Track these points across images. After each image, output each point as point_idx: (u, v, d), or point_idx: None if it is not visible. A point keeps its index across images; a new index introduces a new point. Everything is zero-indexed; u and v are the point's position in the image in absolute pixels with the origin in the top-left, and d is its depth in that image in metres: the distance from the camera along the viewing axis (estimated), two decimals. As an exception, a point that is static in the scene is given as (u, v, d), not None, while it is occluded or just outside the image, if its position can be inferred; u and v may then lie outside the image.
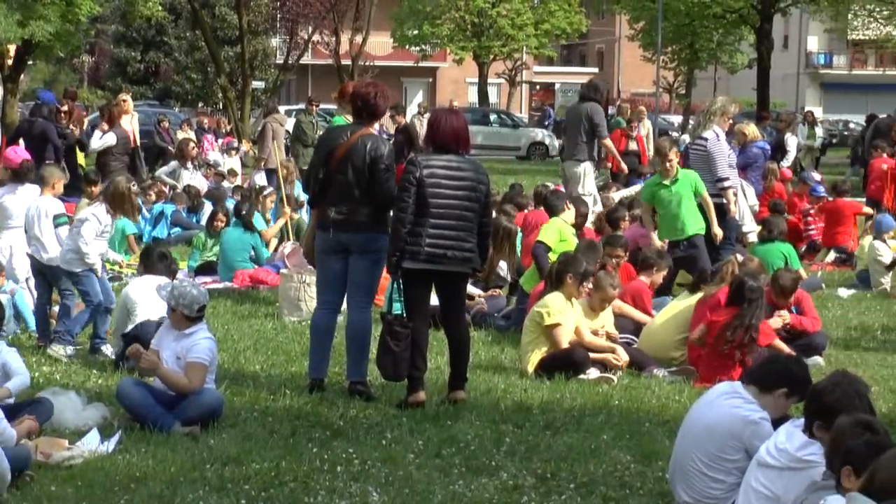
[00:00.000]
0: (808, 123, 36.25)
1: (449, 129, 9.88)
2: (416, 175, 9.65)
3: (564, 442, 8.96)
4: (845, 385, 6.58)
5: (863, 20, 66.90)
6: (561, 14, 64.69)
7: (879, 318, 15.01)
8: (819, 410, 6.55)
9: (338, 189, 10.08)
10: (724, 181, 14.88)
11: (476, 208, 9.80)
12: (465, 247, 9.74)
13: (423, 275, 9.78)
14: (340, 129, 10.60)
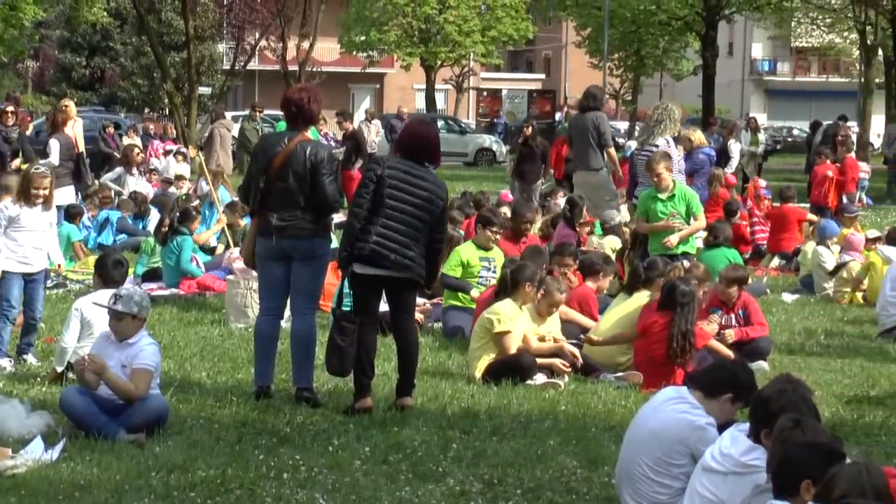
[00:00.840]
0: (752, 130, 36.47)
1: (417, 138, 9.95)
2: (378, 173, 9.69)
3: (511, 447, 8.97)
4: (790, 392, 6.62)
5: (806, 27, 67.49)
6: (508, 20, 64.88)
7: (823, 322, 15.14)
8: (766, 417, 6.57)
9: (279, 196, 10.08)
10: None
11: (428, 220, 9.79)
12: (408, 254, 9.72)
13: (371, 279, 9.78)
14: (277, 136, 10.63)
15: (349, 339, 9.79)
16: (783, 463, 5.98)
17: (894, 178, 33.89)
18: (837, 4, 55.06)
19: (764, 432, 6.52)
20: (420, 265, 9.83)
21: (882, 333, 14.14)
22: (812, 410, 6.57)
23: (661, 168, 14.04)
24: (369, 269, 9.72)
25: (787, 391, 6.64)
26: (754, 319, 12.44)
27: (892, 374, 12.14)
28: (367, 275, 9.74)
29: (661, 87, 74.01)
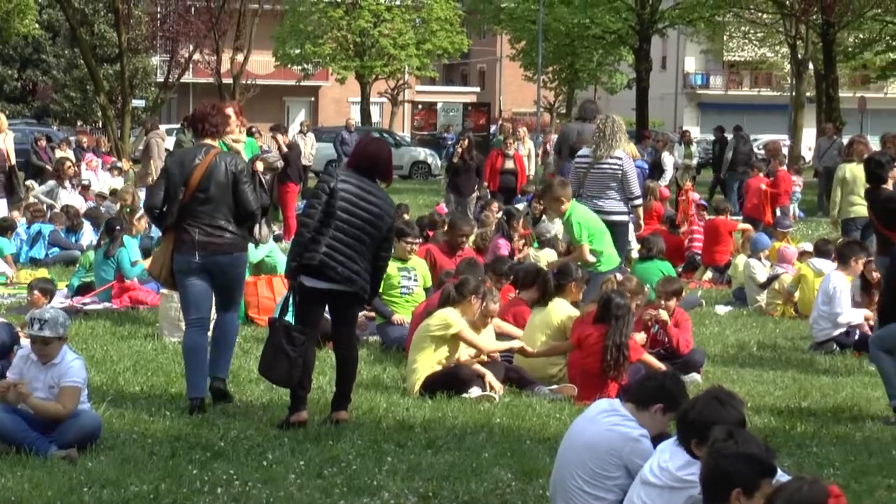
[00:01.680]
0: (685, 143, 36.73)
1: (370, 156, 9.99)
2: (331, 185, 9.73)
3: (446, 460, 8.98)
4: (704, 396, 6.68)
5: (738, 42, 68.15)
6: (443, 34, 64.97)
7: (755, 334, 15.26)
8: (688, 427, 6.63)
9: (200, 209, 10.24)
10: (637, 199, 14.90)
11: (376, 236, 9.83)
12: (353, 267, 9.74)
13: (318, 292, 9.81)
14: (192, 150, 10.64)
15: (299, 349, 9.75)
16: (714, 473, 6.03)
17: (825, 190, 34.18)
18: (768, 19, 55.58)
19: (693, 443, 6.57)
20: (364, 280, 9.86)
21: (814, 347, 14.27)
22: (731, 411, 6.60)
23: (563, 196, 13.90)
24: (318, 282, 9.73)
25: (700, 397, 6.71)
26: (683, 336, 12.50)
27: (824, 385, 12.25)
28: (314, 288, 9.75)
29: (596, 100, 74.30)
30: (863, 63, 65.24)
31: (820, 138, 37.68)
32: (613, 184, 14.54)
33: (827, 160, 33.86)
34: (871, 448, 9.66)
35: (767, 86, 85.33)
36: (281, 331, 9.77)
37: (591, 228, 13.53)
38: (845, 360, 13.61)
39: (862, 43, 57.25)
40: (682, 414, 6.69)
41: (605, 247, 13.54)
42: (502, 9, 59.85)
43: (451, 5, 66.50)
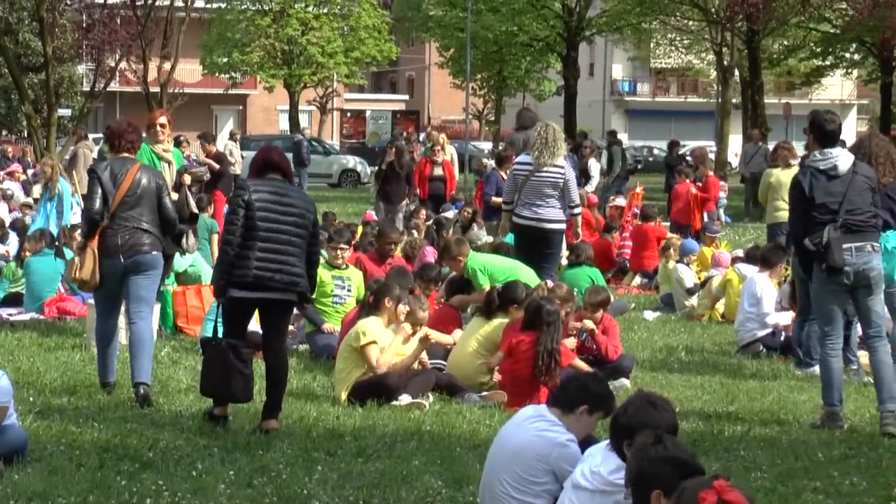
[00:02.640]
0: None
1: (272, 160, 10.14)
2: (245, 198, 9.77)
3: (376, 468, 8.98)
4: (636, 399, 6.72)
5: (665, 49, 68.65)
6: (371, 42, 64.97)
7: (683, 339, 15.36)
8: (621, 430, 6.66)
9: (124, 216, 10.91)
10: (577, 207, 14.97)
11: (304, 235, 9.91)
12: (293, 271, 9.84)
13: (248, 302, 9.90)
14: (118, 161, 11.16)
15: (249, 364, 9.97)
16: (637, 474, 6.07)
17: (752, 196, 34.46)
18: (694, 26, 56.06)
19: (626, 444, 6.60)
20: (306, 279, 10.01)
21: (740, 349, 14.39)
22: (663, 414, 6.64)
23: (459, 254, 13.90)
24: (249, 293, 9.79)
25: (633, 401, 6.75)
26: (612, 341, 12.58)
27: (751, 389, 12.36)
28: (245, 298, 9.82)
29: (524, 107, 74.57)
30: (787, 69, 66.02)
31: (746, 144, 37.98)
32: (554, 192, 14.57)
33: (753, 166, 34.16)
34: (797, 451, 9.75)
35: (694, 92, 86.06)
36: (228, 350, 9.86)
37: (493, 269, 13.63)
38: (772, 364, 13.73)
39: (786, 49, 57.94)
40: (615, 417, 6.73)
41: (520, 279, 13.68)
42: (430, 17, 60.05)
43: (379, 13, 66.54)
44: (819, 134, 10.79)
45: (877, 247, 10.58)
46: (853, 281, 10.49)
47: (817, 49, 56.29)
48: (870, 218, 10.57)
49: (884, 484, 8.87)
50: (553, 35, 55.11)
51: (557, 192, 14.54)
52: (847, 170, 10.54)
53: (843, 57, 57.25)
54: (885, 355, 10.64)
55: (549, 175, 14.58)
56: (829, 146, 10.68)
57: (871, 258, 10.49)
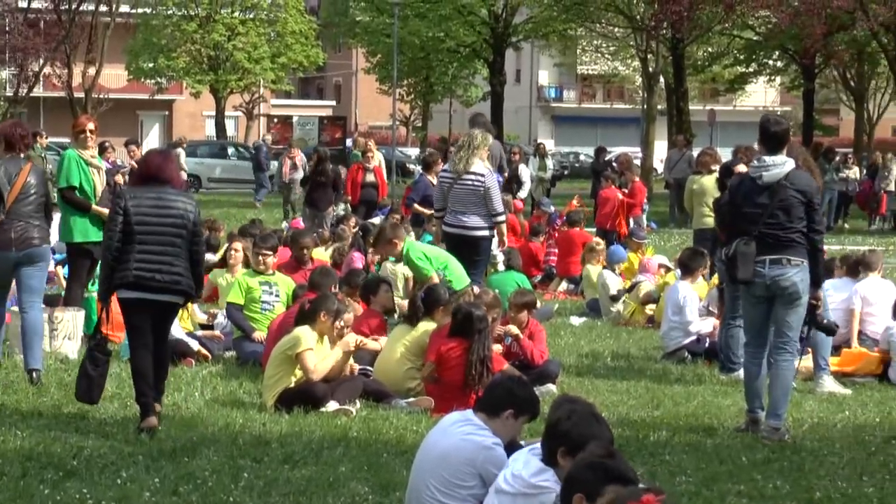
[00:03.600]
0: (540, 155, 37.10)
1: (154, 166, 10.48)
2: (122, 205, 10.20)
3: (303, 475, 8.95)
4: (581, 409, 6.75)
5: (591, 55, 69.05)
6: (298, 47, 64.83)
7: (609, 345, 15.44)
8: (559, 436, 6.69)
9: (21, 211, 11.95)
10: (500, 215, 14.87)
11: (185, 235, 10.26)
12: (173, 270, 10.19)
13: (139, 303, 10.17)
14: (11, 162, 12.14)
15: (101, 368, 10.36)
16: (567, 480, 6.11)
17: (677, 202, 34.74)
18: (620, 33, 56.39)
19: (561, 451, 6.63)
20: (188, 278, 10.30)
21: (665, 356, 14.49)
22: (604, 427, 6.69)
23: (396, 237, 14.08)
24: (135, 293, 10.15)
25: (577, 410, 6.77)
26: (538, 346, 12.61)
27: (676, 394, 12.44)
28: (134, 299, 10.16)
29: (451, 113, 74.72)
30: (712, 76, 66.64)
31: (671, 150, 38.33)
32: (476, 199, 14.52)
33: (677, 172, 34.49)
34: (721, 455, 9.83)
35: (620, 99, 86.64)
36: (87, 352, 10.47)
37: (433, 257, 13.70)
38: (696, 369, 13.84)
39: (711, 56, 58.48)
40: (555, 422, 6.74)
41: (451, 271, 13.69)
42: (357, 22, 60.00)
43: (306, 19, 66.42)
44: (763, 138, 10.71)
45: (796, 261, 10.36)
46: (770, 292, 10.50)
47: (741, 56, 56.86)
48: (791, 233, 10.36)
49: (806, 487, 8.97)
50: (480, 41, 55.26)
51: (479, 199, 14.50)
52: (775, 181, 10.39)
53: (766, 64, 57.89)
54: (785, 370, 10.52)
55: (470, 183, 14.55)
56: (774, 151, 10.55)
57: (785, 271, 10.36)
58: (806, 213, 10.40)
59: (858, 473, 9.37)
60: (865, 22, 36.35)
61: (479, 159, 14.62)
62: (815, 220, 10.49)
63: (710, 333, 14.48)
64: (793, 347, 10.56)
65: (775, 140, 10.60)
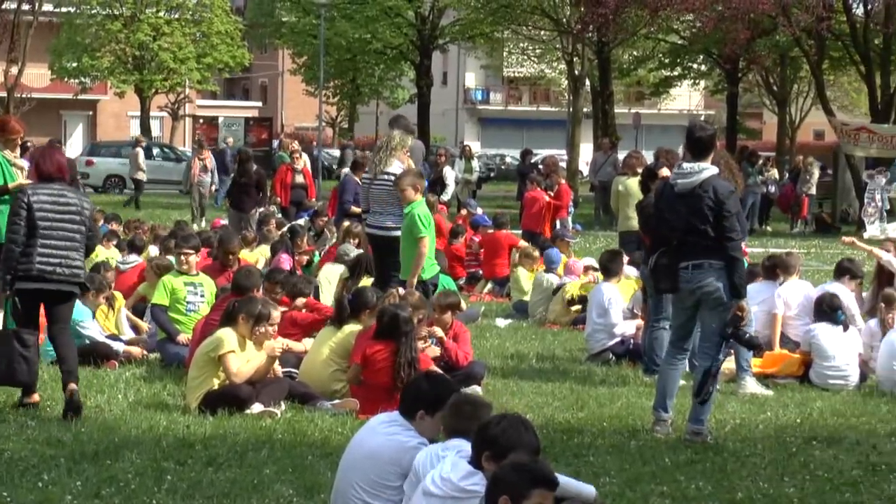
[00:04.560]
0: (466, 157, 37.18)
1: (54, 163, 11.06)
2: (26, 201, 10.75)
3: (227, 477, 8.91)
4: (511, 417, 6.79)
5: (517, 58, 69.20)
6: (224, 48, 64.48)
7: (534, 347, 15.49)
8: (486, 441, 6.72)
9: None
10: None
11: (83, 230, 10.94)
12: (73, 264, 10.87)
13: (34, 294, 10.81)
14: None
15: (33, 349, 10.83)
16: (493, 482, 6.15)
17: (602, 204, 34.95)
18: (546, 36, 56.57)
19: (485, 455, 6.66)
20: (84, 270, 11.27)
21: (590, 357, 14.55)
22: (531, 434, 6.73)
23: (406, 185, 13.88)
24: (35, 284, 10.74)
25: (507, 416, 6.83)
26: (462, 348, 12.63)
27: (600, 395, 12.50)
28: (31, 289, 10.76)
29: (378, 115, 74.66)
30: (637, 80, 67.08)
31: (596, 153, 38.50)
32: (392, 200, 14.45)
33: (602, 175, 34.69)
34: (644, 456, 9.89)
35: (546, 101, 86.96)
36: (12, 337, 10.77)
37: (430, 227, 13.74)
38: (621, 371, 13.91)
39: (636, 60, 58.88)
40: (485, 426, 6.77)
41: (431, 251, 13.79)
42: (284, 23, 59.76)
43: (231, 19, 66.08)
44: (688, 143, 10.75)
45: (718, 265, 10.34)
46: (695, 297, 10.51)
47: (666, 60, 57.30)
48: (711, 239, 10.31)
49: (728, 488, 9.05)
50: (406, 43, 55.26)
51: (395, 199, 14.44)
52: (689, 189, 10.37)
53: (690, 68, 58.35)
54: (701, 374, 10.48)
55: (386, 183, 14.51)
56: (698, 157, 10.54)
57: (708, 276, 10.36)
58: (719, 221, 10.31)
59: (780, 474, 9.47)
60: (788, 27, 36.69)
61: (396, 160, 14.60)
62: (728, 228, 10.35)
63: (635, 335, 14.57)
64: (716, 352, 10.56)
65: (699, 145, 10.61)
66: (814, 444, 10.49)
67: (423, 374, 8.38)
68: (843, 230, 35.58)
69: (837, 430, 11.14)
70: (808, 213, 37.26)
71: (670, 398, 10.79)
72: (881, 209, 34.52)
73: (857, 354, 13.51)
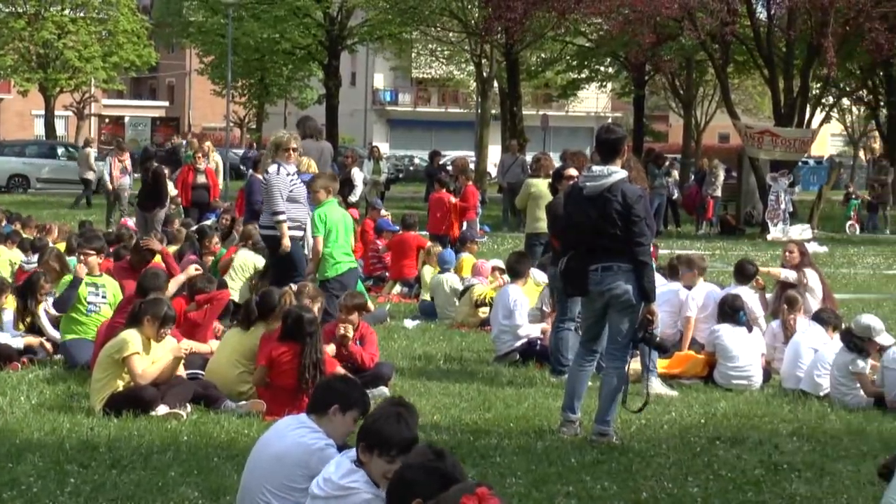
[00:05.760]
0: (374, 159, 37.15)
1: None
2: None
3: (131, 479, 8.84)
4: (386, 407, 6.80)
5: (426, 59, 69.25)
6: (130, 46, 63.93)
7: (442, 347, 15.49)
8: (360, 431, 6.75)
9: None
10: (279, 214, 14.80)
11: None
12: None
13: None
14: None
15: None
16: (397, 482, 6.14)
17: (509, 206, 35.06)
18: (454, 37, 56.70)
19: (361, 446, 6.69)
20: None
21: (497, 358, 14.59)
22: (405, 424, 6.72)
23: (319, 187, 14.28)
24: None
25: (382, 406, 6.85)
26: (368, 349, 12.62)
27: (507, 396, 12.53)
28: None
29: (286, 115, 74.38)
30: (545, 82, 67.37)
31: (504, 154, 38.61)
32: (267, 199, 14.69)
33: (510, 176, 34.83)
34: (551, 457, 9.93)
35: (454, 103, 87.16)
36: None
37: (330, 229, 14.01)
38: (528, 372, 13.95)
39: (544, 62, 59.13)
40: (366, 424, 6.81)
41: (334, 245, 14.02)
42: (191, 22, 59.37)
43: (138, 18, 65.55)
44: (597, 145, 10.79)
45: (627, 268, 10.37)
46: (604, 299, 10.57)
47: (573, 62, 57.59)
48: (620, 242, 10.33)
49: (633, 488, 9.12)
50: (315, 43, 55.09)
51: (268, 199, 14.61)
52: (597, 193, 10.39)
53: (597, 70, 58.73)
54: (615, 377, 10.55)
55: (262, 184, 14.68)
56: (607, 159, 10.55)
57: (617, 278, 10.41)
58: (627, 225, 10.34)
59: (684, 474, 9.56)
60: (692, 32, 37.02)
61: (280, 160, 14.76)
62: (637, 233, 10.36)
63: (542, 337, 14.62)
64: (624, 354, 10.63)
65: (607, 147, 10.63)
66: (717, 444, 10.59)
67: (341, 374, 8.37)
68: (748, 232, 36.07)
69: (741, 430, 11.26)
70: (714, 215, 37.63)
71: (578, 399, 10.85)
72: (784, 211, 35.00)
73: (760, 355, 13.66)
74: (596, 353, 10.99)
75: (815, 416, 11.98)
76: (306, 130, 18.82)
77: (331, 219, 14.23)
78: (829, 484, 9.46)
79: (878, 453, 10.13)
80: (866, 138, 69.37)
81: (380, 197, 34.53)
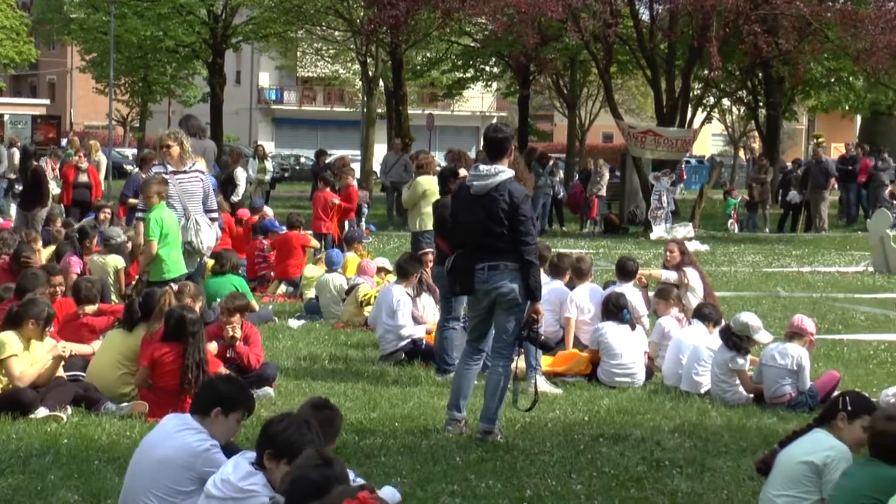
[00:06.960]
0: (259, 157, 36.95)
1: None
2: None
3: (9, 484, 8.72)
4: (297, 416, 6.79)
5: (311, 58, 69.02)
6: (9, 43, 63.01)
7: (328, 347, 15.45)
8: (267, 439, 6.71)
9: None
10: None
11: None
12: None
13: None
14: None
15: None
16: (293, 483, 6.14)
17: (393, 204, 35.10)
18: (340, 36, 56.56)
19: (267, 454, 6.65)
20: None
21: (382, 358, 14.58)
22: (314, 433, 6.73)
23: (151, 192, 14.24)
24: None
25: (290, 414, 6.83)
26: (254, 350, 12.54)
27: (393, 395, 12.53)
28: None
29: (170, 114, 73.74)
30: (431, 81, 67.44)
31: (388, 154, 38.63)
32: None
33: (393, 175, 34.88)
34: (436, 456, 9.95)
35: (340, 102, 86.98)
36: None
37: (166, 233, 13.91)
38: (413, 371, 13.96)
39: (429, 62, 59.18)
40: (269, 423, 6.80)
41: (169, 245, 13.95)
42: (73, 19, 58.56)
43: (17, 14, 64.58)
44: (483, 144, 10.83)
45: (513, 266, 10.43)
46: (490, 298, 10.60)
47: (458, 62, 57.70)
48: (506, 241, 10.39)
49: (517, 486, 9.17)
50: (199, 41, 54.66)
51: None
52: (486, 190, 10.43)
53: (483, 70, 58.89)
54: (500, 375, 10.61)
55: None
56: (494, 158, 10.58)
57: (502, 277, 10.45)
58: (514, 224, 10.40)
59: (568, 471, 9.63)
60: (576, 33, 37.27)
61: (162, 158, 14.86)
62: (523, 232, 10.43)
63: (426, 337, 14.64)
64: (509, 353, 10.71)
65: (493, 146, 10.67)
66: (601, 442, 10.69)
67: (225, 375, 8.32)
68: (631, 231, 36.42)
69: (624, 427, 11.36)
70: (598, 214, 37.94)
71: (464, 398, 10.88)
72: (667, 210, 35.39)
73: (643, 353, 13.80)
74: (482, 351, 11.02)
75: (696, 412, 12.13)
76: (189, 129, 18.66)
77: (166, 223, 14.21)
78: (709, 479, 9.59)
79: (758, 449, 10.29)
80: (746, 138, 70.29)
81: (264, 196, 34.34)
